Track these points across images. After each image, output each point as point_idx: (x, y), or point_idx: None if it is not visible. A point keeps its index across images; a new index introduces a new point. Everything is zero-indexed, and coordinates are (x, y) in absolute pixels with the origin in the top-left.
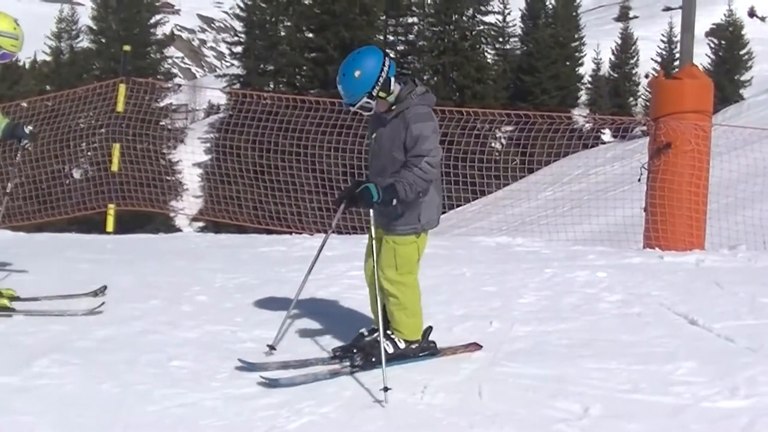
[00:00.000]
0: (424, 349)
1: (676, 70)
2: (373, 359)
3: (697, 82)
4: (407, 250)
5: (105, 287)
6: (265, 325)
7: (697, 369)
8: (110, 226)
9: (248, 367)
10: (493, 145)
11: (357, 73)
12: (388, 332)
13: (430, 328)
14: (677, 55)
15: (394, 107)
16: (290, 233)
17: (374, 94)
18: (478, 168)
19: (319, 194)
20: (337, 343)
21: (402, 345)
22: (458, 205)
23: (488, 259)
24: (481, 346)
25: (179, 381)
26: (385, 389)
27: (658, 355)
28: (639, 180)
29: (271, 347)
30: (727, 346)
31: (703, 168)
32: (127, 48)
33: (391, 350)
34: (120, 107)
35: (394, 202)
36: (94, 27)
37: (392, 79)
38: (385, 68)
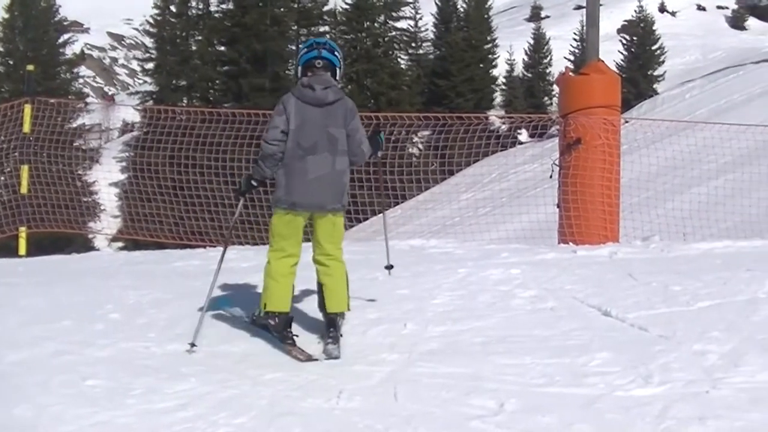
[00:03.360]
0: (278, 332)
1: None
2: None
3: (605, 77)
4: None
5: None
6: (178, 339)
7: (610, 359)
8: (22, 249)
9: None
10: (410, 150)
11: None
12: None
13: (283, 319)
14: None
15: None
16: (205, 247)
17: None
18: (398, 173)
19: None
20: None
21: (258, 311)
22: (380, 211)
23: (402, 262)
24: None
25: (93, 400)
26: (191, 344)
27: (571, 347)
28: (551, 176)
29: (192, 344)
30: (640, 335)
31: (614, 162)
32: (30, 68)
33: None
34: (26, 128)
35: (253, 182)
36: (1, 49)
37: (299, 68)
38: (298, 57)
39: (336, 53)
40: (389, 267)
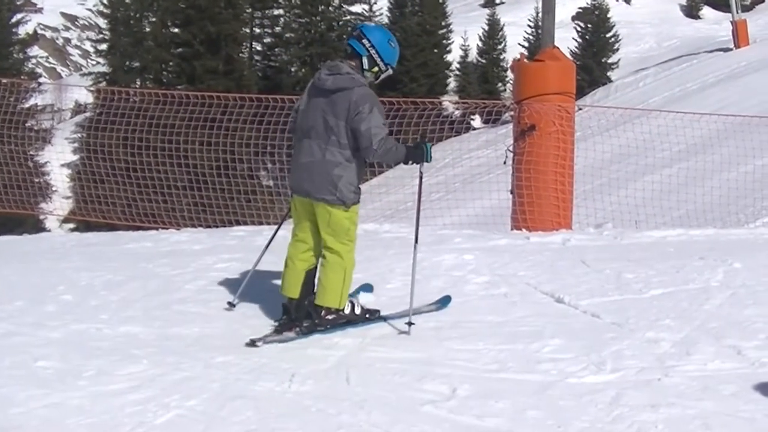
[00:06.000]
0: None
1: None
2: None
3: (560, 63)
4: None
5: None
6: (130, 321)
7: (563, 346)
8: None
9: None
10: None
11: None
12: None
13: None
14: None
15: None
16: (157, 229)
17: None
18: None
19: (190, 189)
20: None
21: None
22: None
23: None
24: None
25: (45, 381)
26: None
27: (524, 333)
28: (504, 162)
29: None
30: (593, 322)
31: (568, 149)
32: None
33: None
34: None
35: None
36: None
37: None
38: None
39: (363, 40)
40: (409, 324)
